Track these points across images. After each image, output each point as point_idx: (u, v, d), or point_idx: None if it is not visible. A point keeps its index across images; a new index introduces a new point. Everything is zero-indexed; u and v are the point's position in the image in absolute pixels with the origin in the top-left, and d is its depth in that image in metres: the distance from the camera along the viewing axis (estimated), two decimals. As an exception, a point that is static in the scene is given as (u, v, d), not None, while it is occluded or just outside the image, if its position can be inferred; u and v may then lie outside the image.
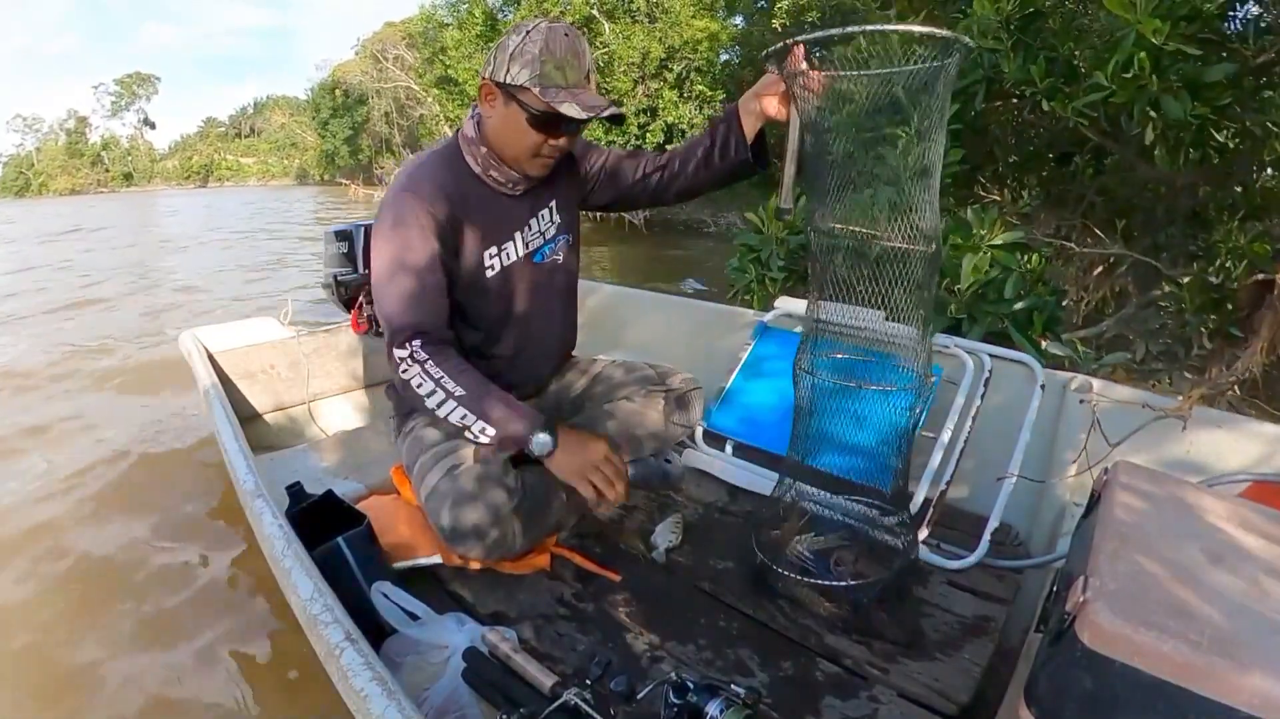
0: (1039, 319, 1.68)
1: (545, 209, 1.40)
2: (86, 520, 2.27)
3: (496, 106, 1.23)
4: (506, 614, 1.21)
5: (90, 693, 1.54)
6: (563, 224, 1.45)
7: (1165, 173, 2.41)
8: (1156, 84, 1.88)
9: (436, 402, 1.21)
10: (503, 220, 1.34)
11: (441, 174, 1.28)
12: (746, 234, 2.48)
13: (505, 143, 1.26)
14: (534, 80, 1.16)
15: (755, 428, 1.74)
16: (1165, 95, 1.87)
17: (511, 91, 1.19)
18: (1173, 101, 1.86)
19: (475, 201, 1.29)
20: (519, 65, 1.17)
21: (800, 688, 1.04)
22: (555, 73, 1.16)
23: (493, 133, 1.26)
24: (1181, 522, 0.83)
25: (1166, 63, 1.88)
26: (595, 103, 1.18)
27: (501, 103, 1.22)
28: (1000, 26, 2.33)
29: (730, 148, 1.30)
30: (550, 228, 1.42)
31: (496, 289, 1.37)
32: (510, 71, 1.18)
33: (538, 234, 1.40)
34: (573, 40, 1.19)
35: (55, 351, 4.45)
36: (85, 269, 8.48)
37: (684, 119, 9.85)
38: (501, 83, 1.19)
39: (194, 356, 2.02)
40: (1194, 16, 1.86)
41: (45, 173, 44.81)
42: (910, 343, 1.09)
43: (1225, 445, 1.33)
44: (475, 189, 1.30)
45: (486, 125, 1.27)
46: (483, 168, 1.30)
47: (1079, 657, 0.66)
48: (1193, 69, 1.87)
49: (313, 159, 36.06)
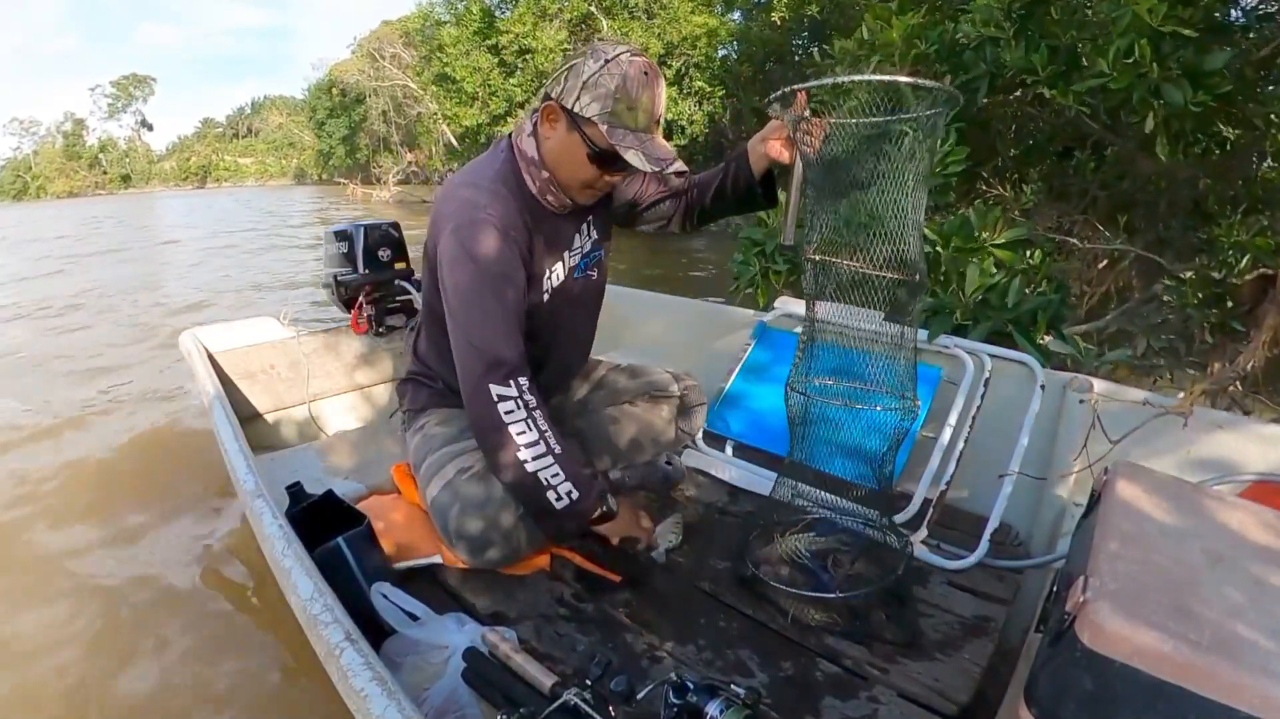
0: (1043, 318, 1.68)
1: (585, 224, 1.39)
2: (85, 521, 2.27)
3: (558, 130, 1.19)
4: (506, 614, 1.21)
5: (89, 693, 1.54)
6: (598, 239, 1.43)
7: (1166, 166, 2.40)
8: (1157, 71, 1.87)
9: (532, 453, 1.17)
10: (556, 241, 1.32)
11: (508, 197, 1.23)
12: (752, 229, 2.48)
13: (559, 168, 1.22)
14: (603, 117, 1.12)
15: (755, 428, 1.75)
16: (1166, 83, 1.87)
17: (578, 121, 1.15)
18: (1173, 89, 1.86)
19: (536, 224, 1.26)
20: (590, 97, 1.12)
21: (800, 688, 1.04)
22: (627, 114, 1.12)
23: (549, 155, 1.22)
24: (1182, 522, 0.83)
25: (1167, 49, 1.88)
26: (662, 155, 1.14)
27: (564, 128, 1.18)
28: (1003, 15, 2.33)
29: (740, 183, 1.33)
30: (588, 243, 1.40)
31: (548, 309, 1.34)
32: (580, 101, 1.13)
33: (578, 251, 1.38)
34: (651, 81, 1.14)
35: (54, 352, 4.45)
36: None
37: (683, 115, 9.84)
38: (569, 109, 1.15)
39: (194, 356, 2.02)
40: (1191, 1, 1.86)
41: (43, 176, 44.66)
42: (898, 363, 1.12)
43: (1226, 445, 1.33)
44: (535, 211, 1.27)
45: (544, 146, 1.22)
46: (540, 191, 1.26)
47: (1079, 657, 0.66)
48: (1193, 56, 1.87)
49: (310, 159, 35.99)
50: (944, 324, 1.71)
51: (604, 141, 1.14)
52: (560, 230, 1.33)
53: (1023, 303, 1.71)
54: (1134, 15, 1.87)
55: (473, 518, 1.23)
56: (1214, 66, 1.86)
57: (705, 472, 1.72)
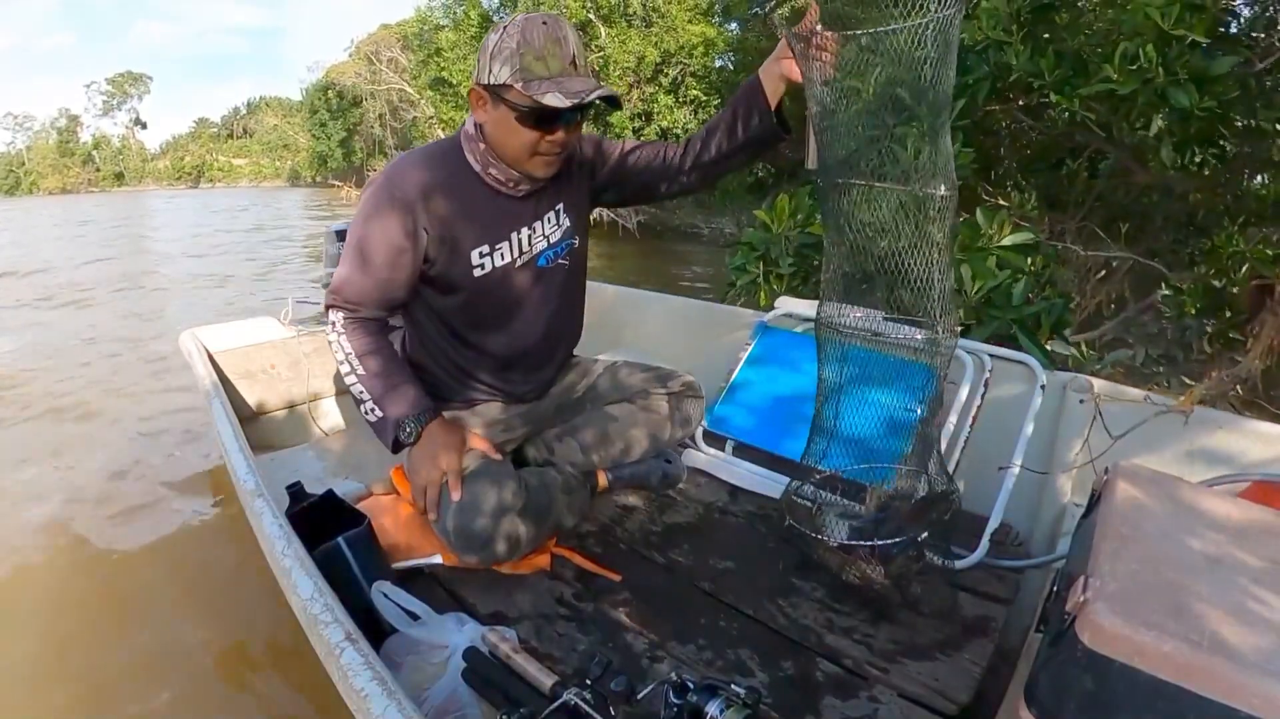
0: (1046, 321, 1.68)
1: (551, 212, 1.37)
2: (84, 521, 2.26)
3: (488, 110, 1.21)
4: (506, 614, 1.21)
5: (87, 693, 1.54)
6: (571, 227, 1.41)
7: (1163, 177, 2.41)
8: (1163, 76, 1.88)
9: (345, 371, 1.30)
10: (499, 220, 1.31)
11: (432, 168, 1.26)
12: (752, 233, 2.48)
13: (503, 145, 1.23)
14: (515, 76, 1.13)
15: (756, 428, 1.75)
16: (1172, 87, 1.87)
17: (497, 92, 1.17)
18: (1179, 92, 1.86)
19: (468, 199, 1.27)
20: (499, 63, 1.14)
21: (800, 688, 1.04)
22: (536, 64, 1.13)
23: (490, 138, 1.24)
24: (1182, 522, 0.83)
25: (1173, 54, 1.88)
26: (580, 87, 1.13)
27: (490, 105, 1.20)
28: (1011, 18, 2.33)
29: (753, 118, 1.27)
30: (556, 231, 1.38)
31: (489, 289, 1.34)
32: (492, 71, 1.15)
33: (542, 237, 1.37)
34: (552, 27, 1.14)
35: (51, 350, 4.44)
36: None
37: (678, 123, 9.84)
38: (487, 85, 1.17)
39: (194, 356, 2.02)
40: (1201, 7, 1.86)
41: (36, 172, 44.50)
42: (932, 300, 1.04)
43: (1225, 445, 1.33)
44: (471, 186, 1.28)
45: (485, 132, 1.25)
46: (482, 165, 1.27)
47: (1079, 657, 0.66)
48: (1200, 61, 1.87)
49: (305, 160, 35.89)
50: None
51: (523, 99, 1.14)
52: (511, 210, 1.32)
53: (1027, 305, 1.72)
54: (1144, 17, 1.87)
55: (470, 517, 1.23)
56: (1220, 71, 1.86)
57: (705, 471, 1.72)
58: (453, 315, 1.38)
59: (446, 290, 1.34)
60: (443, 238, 1.27)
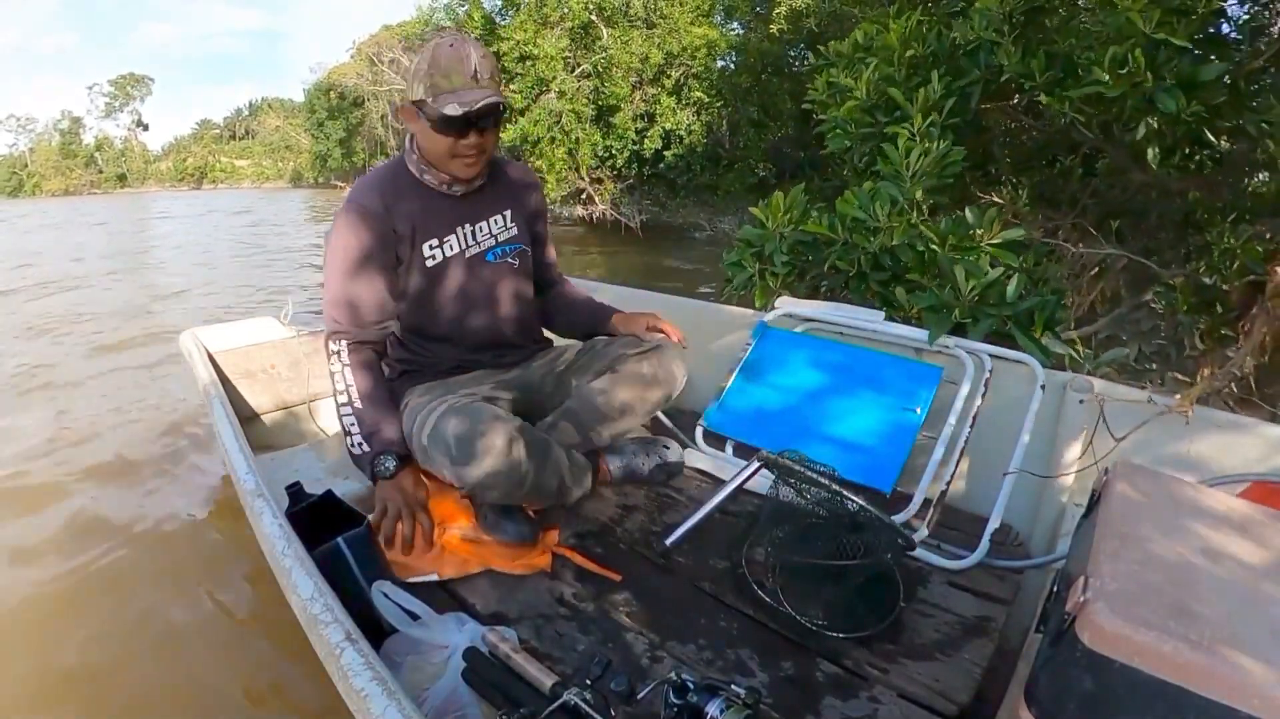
0: (1040, 318, 1.68)
1: (499, 215, 1.56)
2: (83, 521, 2.26)
3: (415, 123, 1.39)
4: (506, 614, 1.21)
5: (86, 693, 1.54)
6: (518, 235, 1.60)
7: (1157, 177, 2.41)
8: (1151, 81, 1.88)
9: (341, 400, 1.44)
10: (444, 216, 1.48)
11: (384, 182, 1.45)
12: (747, 230, 2.47)
13: (429, 152, 1.42)
14: (428, 92, 1.32)
15: (755, 427, 1.75)
16: (1160, 92, 1.88)
17: (419, 106, 1.35)
18: (1167, 97, 1.87)
19: (416, 201, 1.45)
20: (416, 82, 1.34)
21: (800, 688, 1.05)
22: (443, 80, 1.31)
23: (420, 146, 1.44)
24: (1182, 522, 0.83)
25: (1162, 59, 1.89)
26: (474, 98, 1.30)
27: (416, 119, 1.38)
28: (1003, 19, 2.35)
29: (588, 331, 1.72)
30: (504, 233, 1.57)
31: (439, 276, 1.50)
32: (413, 89, 1.36)
33: (490, 236, 1.55)
34: (458, 48, 1.32)
35: (50, 351, 4.44)
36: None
37: (681, 125, 9.81)
38: (412, 102, 1.37)
39: (194, 356, 2.02)
40: (1186, 11, 1.87)
41: (39, 173, 44.44)
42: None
43: (1226, 445, 1.33)
44: (416, 190, 1.47)
45: (416, 141, 1.45)
46: (419, 171, 1.46)
47: (1079, 657, 0.66)
48: (1188, 67, 1.88)
49: (307, 161, 35.92)
50: (944, 323, 1.71)
51: (433, 110, 1.32)
52: (452, 209, 1.49)
53: (1021, 301, 1.72)
54: (1128, 21, 1.88)
55: (472, 423, 1.29)
56: (1209, 78, 1.87)
57: (706, 471, 1.72)
58: (418, 307, 1.51)
59: (410, 285, 1.49)
60: (404, 236, 1.44)
